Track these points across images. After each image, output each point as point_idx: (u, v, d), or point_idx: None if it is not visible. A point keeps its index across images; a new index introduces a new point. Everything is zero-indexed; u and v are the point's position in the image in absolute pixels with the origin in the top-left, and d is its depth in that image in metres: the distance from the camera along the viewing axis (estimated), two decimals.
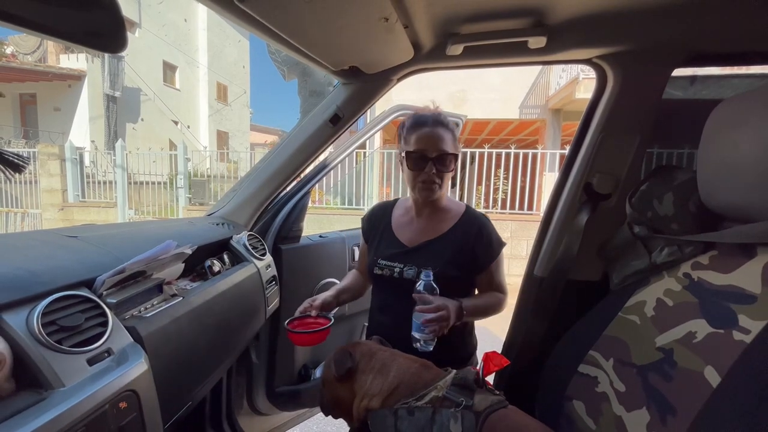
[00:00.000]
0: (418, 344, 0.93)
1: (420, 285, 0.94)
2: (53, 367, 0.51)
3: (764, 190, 0.62)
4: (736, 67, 1.04)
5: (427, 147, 1.00)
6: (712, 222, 0.76)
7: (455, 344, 1.08)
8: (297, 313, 1.06)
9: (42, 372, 0.50)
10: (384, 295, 1.11)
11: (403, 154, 1.03)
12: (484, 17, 0.86)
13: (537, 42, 0.90)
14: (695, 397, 0.60)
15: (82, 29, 0.45)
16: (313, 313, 1.04)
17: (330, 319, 1.04)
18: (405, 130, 1.06)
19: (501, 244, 1.08)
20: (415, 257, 1.05)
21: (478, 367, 0.82)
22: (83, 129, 10.95)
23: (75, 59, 10.74)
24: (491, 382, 0.86)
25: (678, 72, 0.95)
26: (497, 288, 1.09)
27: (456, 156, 1.03)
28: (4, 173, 0.45)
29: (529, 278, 1.14)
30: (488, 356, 0.82)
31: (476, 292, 1.12)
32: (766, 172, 0.61)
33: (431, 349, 0.93)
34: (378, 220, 1.17)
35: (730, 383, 0.57)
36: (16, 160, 0.45)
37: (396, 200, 1.20)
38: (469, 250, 1.04)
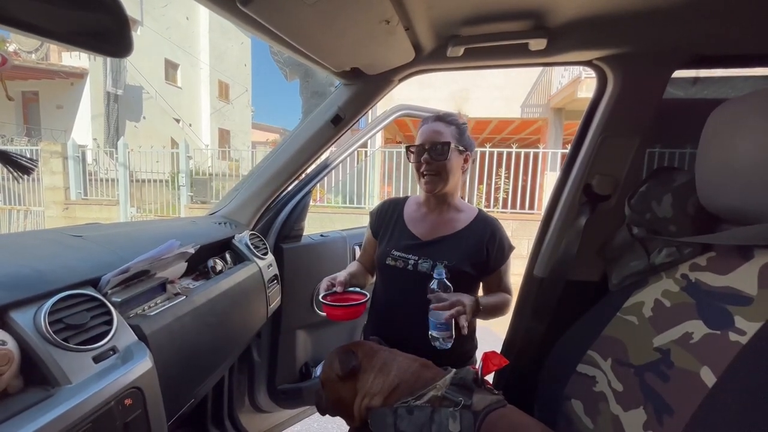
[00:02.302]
0: (437, 343, 0.93)
1: (434, 284, 0.95)
2: (60, 365, 0.52)
3: (762, 193, 0.62)
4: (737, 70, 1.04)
5: (424, 140, 1.05)
6: (710, 224, 0.76)
7: (456, 344, 1.08)
8: (322, 291, 1.06)
9: (49, 369, 0.51)
10: (394, 288, 1.11)
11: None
12: (484, 20, 0.86)
13: (537, 44, 0.90)
14: (691, 398, 0.61)
15: (87, 34, 0.46)
16: (339, 289, 1.05)
17: (365, 294, 1.05)
18: None
19: (511, 248, 1.10)
20: (430, 251, 1.05)
21: (477, 367, 0.83)
22: (85, 127, 10.96)
23: (77, 57, 10.73)
24: (490, 382, 0.87)
25: (678, 74, 0.96)
26: (504, 290, 1.11)
27: (448, 144, 1.02)
28: (12, 175, 0.46)
29: (529, 278, 1.15)
30: (487, 356, 0.83)
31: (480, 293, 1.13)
32: (764, 174, 0.61)
33: (450, 346, 0.93)
34: (389, 214, 1.17)
35: (725, 384, 0.57)
36: (24, 163, 0.45)
37: (407, 197, 1.22)
38: (483, 250, 1.06)
